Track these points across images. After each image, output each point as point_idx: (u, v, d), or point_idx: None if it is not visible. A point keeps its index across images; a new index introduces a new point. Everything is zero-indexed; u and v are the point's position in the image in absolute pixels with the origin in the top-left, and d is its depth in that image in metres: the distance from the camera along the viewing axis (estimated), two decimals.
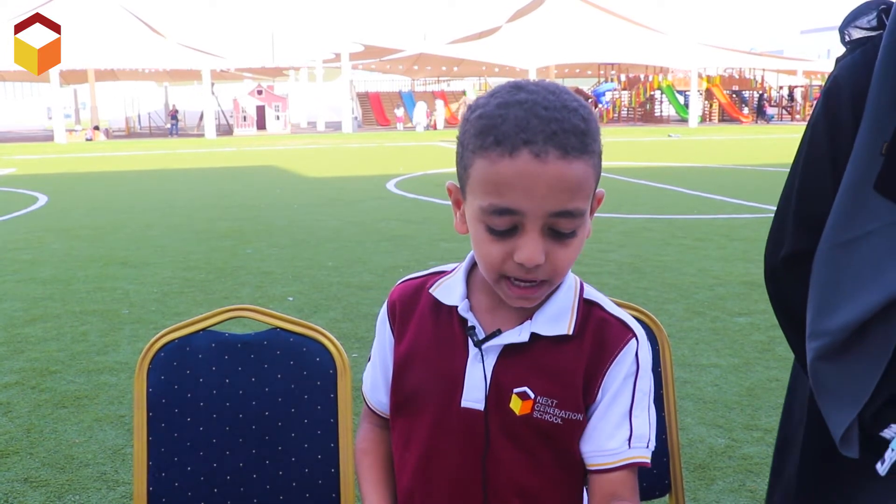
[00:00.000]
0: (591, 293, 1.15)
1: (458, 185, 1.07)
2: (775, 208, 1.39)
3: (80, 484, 2.93)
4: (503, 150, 0.95)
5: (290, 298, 5.60)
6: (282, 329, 1.56)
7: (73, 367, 4.21)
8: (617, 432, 1.08)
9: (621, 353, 1.09)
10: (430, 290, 1.16)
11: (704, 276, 6.12)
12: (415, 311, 1.17)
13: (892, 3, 1.29)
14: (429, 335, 1.15)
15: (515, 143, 0.95)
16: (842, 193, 1.24)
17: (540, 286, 1.04)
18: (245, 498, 1.50)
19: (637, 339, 1.10)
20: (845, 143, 1.27)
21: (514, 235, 0.99)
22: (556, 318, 1.09)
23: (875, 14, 1.30)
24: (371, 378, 1.27)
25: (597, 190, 1.04)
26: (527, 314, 1.10)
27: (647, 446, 1.10)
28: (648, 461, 1.11)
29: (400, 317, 1.19)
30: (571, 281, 1.14)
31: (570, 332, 1.09)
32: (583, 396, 1.09)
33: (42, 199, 11.82)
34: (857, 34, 1.31)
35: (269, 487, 1.51)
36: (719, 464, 3.02)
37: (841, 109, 1.28)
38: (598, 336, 1.09)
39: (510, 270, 1.01)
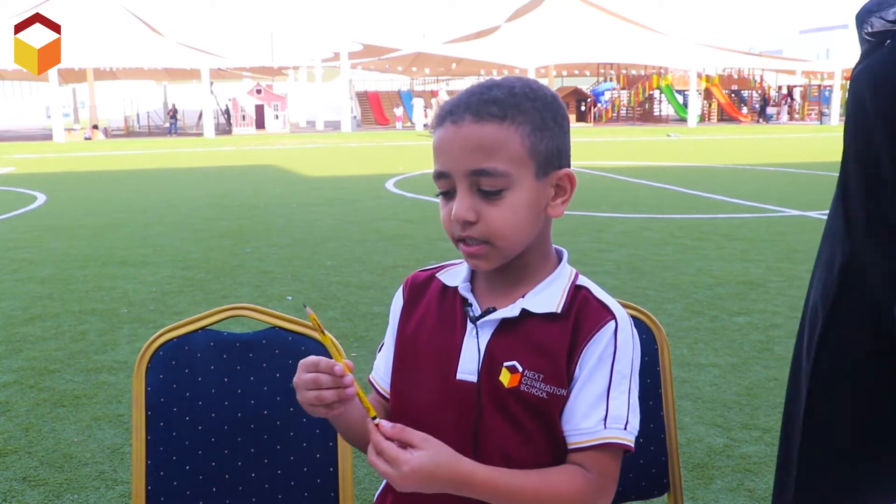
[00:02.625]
0: (584, 280, 1.20)
1: None
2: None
3: (78, 483, 2.93)
4: (436, 125, 1.13)
5: (289, 297, 5.60)
6: (280, 328, 1.56)
7: (71, 366, 4.21)
8: (592, 412, 1.12)
9: (598, 333, 1.13)
10: (438, 275, 1.25)
11: (703, 275, 6.12)
12: (424, 296, 1.26)
13: None
14: (433, 315, 1.23)
15: (442, 116, 1.12)
16: None
17: (483, 246, 1.12)
18: (244, 497, 1.50)
19: (616, 321, 1.14)
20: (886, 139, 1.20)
21: (453, 197, 1.12)
22: (548, 298, 1.15)
23: None
24: (384, 362, 1.30)
25: (559, 170, 1.14)
26: (520, 293, 1.16)
27: (626, 428, 1.12)
28: (628, 443, 1.12)
29: (408, 301, 1.27)
30: (567, 270, 1.20)
31: (558, 311, 1.14)
32: (566, 372, 1.13)
33: (41, 198, 11.81)
34: (880, 25, 1.24)
35: (267, 486, 1.51)
36: (718, 463, 3.02)
37: (882, 106, 1.20)
38: (579, 315, 1.14)
39: (455, 230, 1.12)
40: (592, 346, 1.12)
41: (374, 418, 1.04)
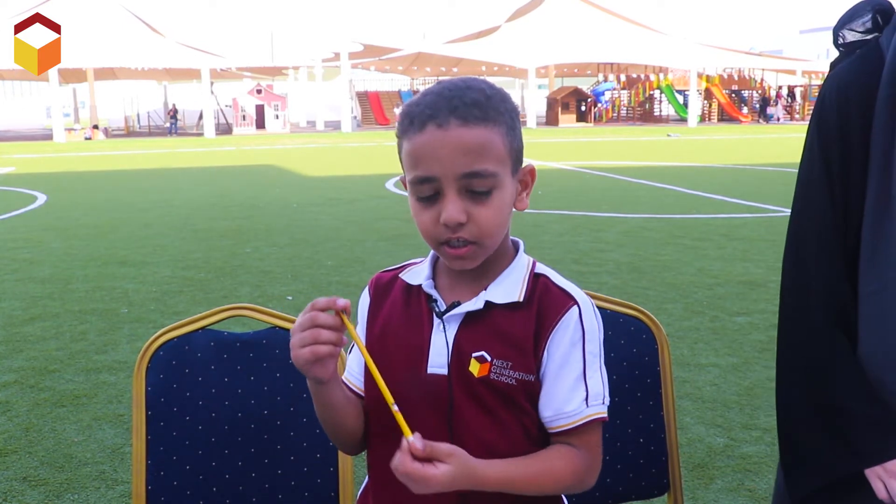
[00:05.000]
0: (542, 268, 1.24)
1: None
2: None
3: (78, 483, 2.93)
4: (415, 129, 1.12)
5: (289, 297, 5.60)
6: (280, 328, 1.56)
7: (71, 366, 4.21)
8: (574, 395, 1.17)
9: (562, 319, 1.17)
10: (401, 275, 1.28)
11: (703, 275, 6.12)
12: (388, 296, 1.28)
13: (888, 3, 1.28)
14: (399, 314, 1.25)
15: (424, 120, 1.11)
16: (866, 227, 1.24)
17: (471, 247, 1.14)
18: (244, 496, 1.50)
19: (579, 305, 1.18)
20: (847, 157, 1.26)
21: (437, 201, 1.13)
22: (509, 288, 1.19)
23: (870, 16, 1.29)
24: (356, 362, 1.32)
25: (523, 165, 1.18)
26: (482, 286, 1.20)
27: (603, 402, 1.19)
28: (605, 415, 1.19)
29: (373, 302, 1.30)
30: (525, 259, 1.24)
31: (520, 300, 1.18)
32: (533, 359, 1.17)
33: (41, 199, 11.81)
34: (851, 37, 1.31)
35: (267, 486, 1.51)
36: (718, 463, 3.02)
37: (842, 117, 1.27)
38: (541, 303, 1.19)
39: (441, 234, 1.14)
40: (560, 333, 1.17)
41: (410, 438, 1.06)
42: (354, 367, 1.32)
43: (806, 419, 1.36)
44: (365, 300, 1.32)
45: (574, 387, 1.16)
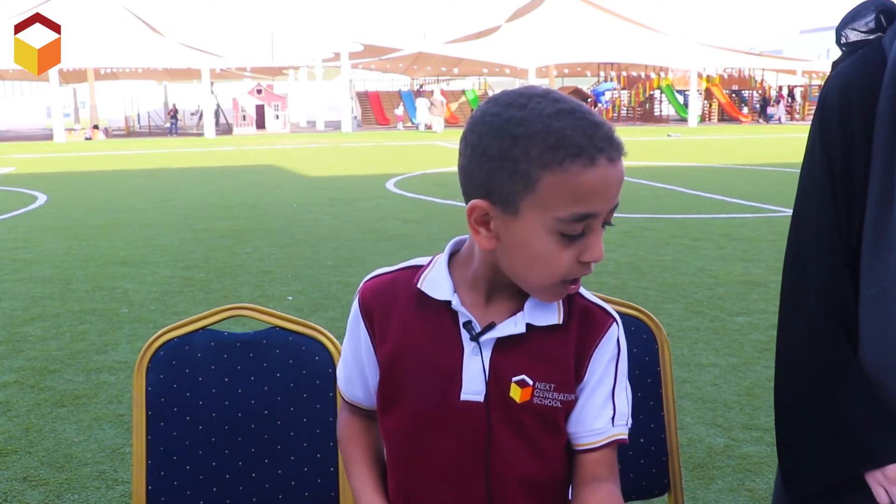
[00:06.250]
0: None
1: (493, 202, 1.04)
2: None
3: (78, 483, 2.93)
4: (585, 161, 0.99)
5: (290, 297, 5.60)
6: (281, 328, 1.56)
7: (72, 366, 4.21)
8: (602, 412, 1.15)
9: (605, 337, 1.15)
10: (418, 285, 1.14)
11: (703, 275, 6.12)
12: (395, 308, 1.17)
13: (891, 3, 1.28)
14: (416, 330, 1.14)
15: (593, 153, 0.99)
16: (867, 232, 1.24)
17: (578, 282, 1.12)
18: (244, 497, 1.50)
19: (617, 323, 1.18)
20: (849, 157, 1.26)
21: (580, 238, 1.04)
22: (546, 309, 1.13)
23: (873, 16, 1.28)
24: (345, 373, 1.27)
25: None
26: (517, 307, 1.12)
27: (627, 423, 1.17)
28: (626, 438, 1.17)
29: (378, 315, 1.18)
30: None
31: (560, 322, 1.13)
32: (574, 378, 1.14)
33: (41, 198, 11.81)
34: (854, 36, 1.30)
35: (268, 486, 1.51)
36: (718, 463, 3.02)
37: (844, 117, 1.26)
38: (583, 322, 1.15)
39: (576, 272, 1.06)
40: (601, 350, 1.15)
41: None
42: (355, 381, 1.24)
43: (805, 421, 1.35)
44: (358, 319, 1.20)
45: (604, 404, 1.15)
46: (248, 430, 1.51)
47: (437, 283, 1.14)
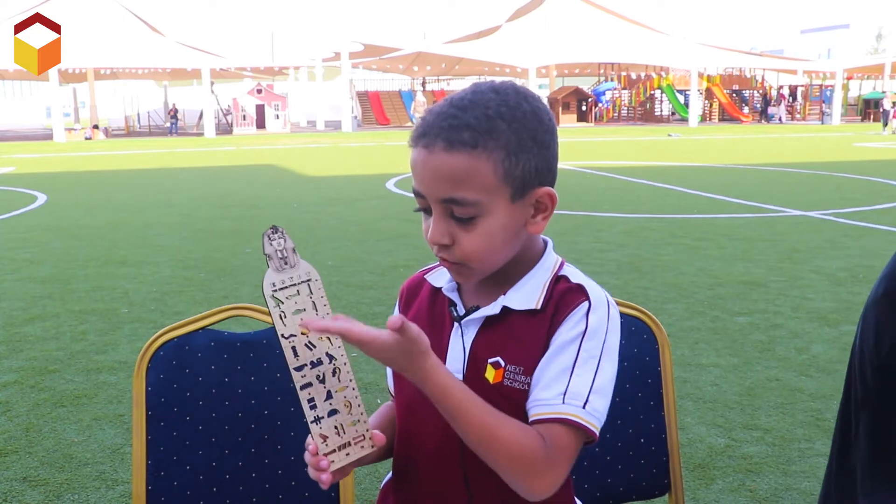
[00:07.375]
0: (566, 270, 1.19)
1: None
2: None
3: (78, 483, 2.93)
4: (412, 142, 1.12)
5: None
6: None
7: (72, 366, 4.21)
8: (553, 384, 1.09)
9: (572, 313, 1.13)
10: (426, 277, 1.27)
11: (704, 275, 6.12)
12: (416, 299, 1.29)
13: None
14: (424, 316, 1.25)
15: (417, 137, 1.11)
16: None
17: (461, 268, 1.13)
18: (244, 497, 1.50)
19: (590, 301, 1.13)
20: None
21: (430, 215, 1.13)
22: (528, 294, 1.16)
23: None
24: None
25: (539, 189, 1.11)
26: (502, 291, 1.17)
27: (584, 407, 1.08)
28: (588, 425, 1.08)
29: (405, 303, 1.30)
30: (551, 261, 1.19)
31: (538, 307, 1.15)
32: (540, 359, 1.14)
33: (41, 198, 11.81)
34: None
35: (268, 486, 1.51)
36: (719, 463, 3.01)
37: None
38: (558, 304, 1.15)
39: (434, 249, 1.14)
40: (566, 325, 1.12)
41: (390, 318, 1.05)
42: (390, 371, 1.34)
43: None
44: (397, 308, 1.33)
45: (557, 377, 1.09)
46: (248, 430, 1.51)
47: (442, 273, 1.24)
